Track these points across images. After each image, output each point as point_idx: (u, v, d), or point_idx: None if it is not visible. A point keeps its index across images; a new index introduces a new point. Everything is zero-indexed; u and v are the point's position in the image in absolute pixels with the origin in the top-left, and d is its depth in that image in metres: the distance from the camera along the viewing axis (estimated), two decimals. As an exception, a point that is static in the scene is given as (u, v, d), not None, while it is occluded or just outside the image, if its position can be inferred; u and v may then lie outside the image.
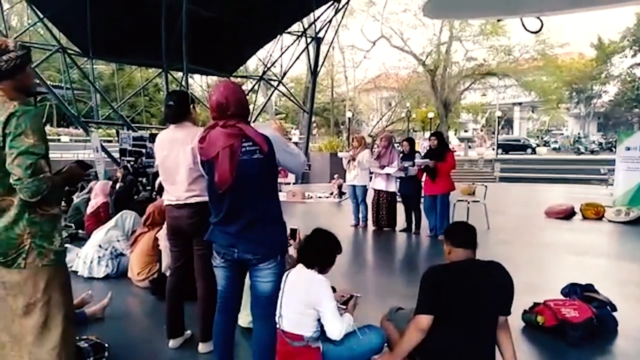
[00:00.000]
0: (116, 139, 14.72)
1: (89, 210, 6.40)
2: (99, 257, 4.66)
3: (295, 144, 2.64)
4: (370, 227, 7.49)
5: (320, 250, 2.58)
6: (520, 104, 44.29)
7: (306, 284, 2.49)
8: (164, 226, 3.61)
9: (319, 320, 2.47)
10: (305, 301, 2.46)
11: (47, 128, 26.96)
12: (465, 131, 48.12)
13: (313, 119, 22.77)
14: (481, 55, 33.37)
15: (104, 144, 14.40)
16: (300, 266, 2.60)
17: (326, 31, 18.47)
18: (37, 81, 13.68)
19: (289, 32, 17.98)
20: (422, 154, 7.17)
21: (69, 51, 14.34)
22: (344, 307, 2.73)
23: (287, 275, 2.62)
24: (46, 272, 1.98)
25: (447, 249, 2.46)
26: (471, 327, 2.31)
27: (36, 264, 1.94)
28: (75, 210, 6.69)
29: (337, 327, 2.43)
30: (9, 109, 1.84)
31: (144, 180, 10.64)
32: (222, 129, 2.13)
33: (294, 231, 3.26)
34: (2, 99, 1.87)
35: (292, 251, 3.33)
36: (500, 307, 2.36)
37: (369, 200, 7.57)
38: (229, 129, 2.12)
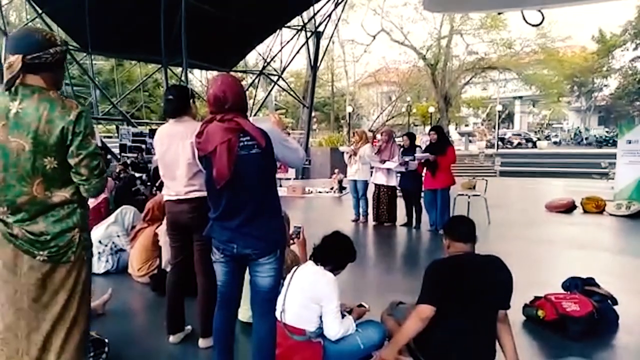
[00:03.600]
0: (116, 134, 14.69)
1: (90, 205, 6.38)
2: (99, 252, 4.65)
3: (288, 133, 2.65)
4: (371, 222, 7.48)
5: (337, 252, 2.62)
6: (521, 97, 44.19)
7: (315, 279, 2.51)
8: (164, 222, 3.60)
9: (321, 316, 2.48)
10: (311, 295, 2.47)
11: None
12: (466, 125, 48.03)
13: (313, 113, 22.76)
14: (482, 49, 33.32)
15: (103, 139, 14.38)
16: (310, 263, 2.62)
17: (326, 25, 18.44)
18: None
19: (289, 27, 17.92)
20: (423, 148, 7.16)
21: (68, 47, 14.28)
22: (349, 311, 2.75)
23: (295, 270, 2.64)
24: (86, 266, 2.00)
25: (447, 243, 2.47)
26: (471, 321, 2.31)
27: (82, 257, 1.96)
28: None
29: (335, 328, 2.45)
30: (72, 108, 1.84)
31: (144, 176, 10.62)
32: (220, 124, 2.11)
33: (298, 230, 3.26)
34: (56, 95, 1.85)
35: (294, 248, 3.34)
36: (499, 301, 2.36)
37: (370, 194, 7.57)
38: (226, 123, 2.10)
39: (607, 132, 36.02)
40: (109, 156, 13.53)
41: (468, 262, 2.39)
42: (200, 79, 24.48)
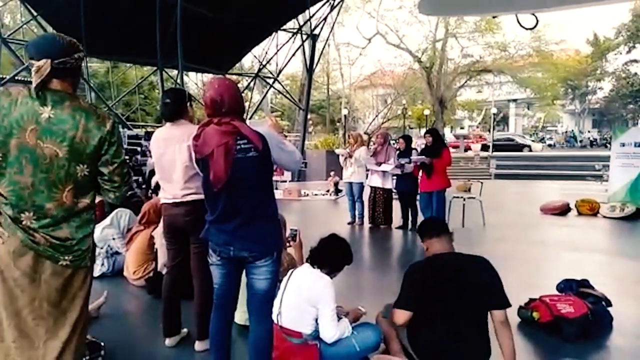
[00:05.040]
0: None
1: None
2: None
3: (285, 136, 2.65)
4: (367, 225, 7.49)
5: (334, 255, 2.63)
6: (515, 100, 44.44)
7: (311, 282, 2.51)
8: (160, 224, 3.60)
9: (317, 319, 2.49)
10: (308, 299, 2.48)
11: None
12: (461, 128, 48.21)
13: (309, 116, 22.78)
14: (477, 52, 33.42)
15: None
16: (307, 265, 2.62)
17: (322, 28, 18.48)
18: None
19: (285, 30, 17.95)
20: (418, 151, 7.19)
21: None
22: (345, 313, 2.75)
23: (291, 273, 2.64)
24: (91, 270, 2.03)
25: (425, 244, 2.53)
26: (459, 321, 2.33)
27: (92, 261, 2.01)
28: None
29: (330, 331, 2.45)
30: (106, 118, 1.90)
31: (139, 179, 10.59)
32: (217, 127, 2.12)
33: (294, 232, 3.27)
34: (86, 104, 1.89)
35: (290, 250, 3.34)
36: (487, 301, 2.37)
37: (365, 197, 7.58)
38: (223, 126, 2.11)
39: (599, 132, 36.29)
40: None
41: (449, 262, 2.42)
42: (195, 82, 24.45)
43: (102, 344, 2.81)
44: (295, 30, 18.11)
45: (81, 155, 1.84)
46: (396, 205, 7.40)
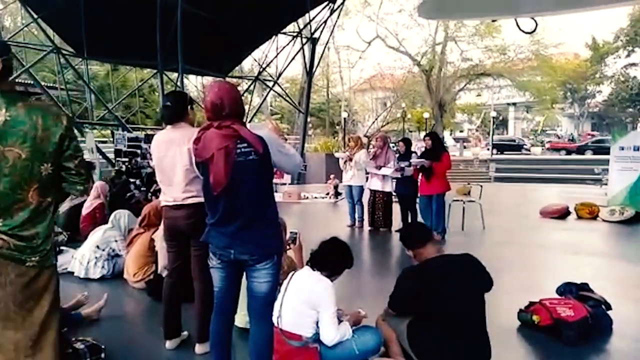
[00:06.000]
0: (111, 139, 14.65)
1: (85, 211, 6.37)
2: (96, 258, 4.65)
3: (286, 139, 2.70)
4: (366, 228, 7.49)
5: (334, 258, 2.64)
6: (514, 104, 44.50)
7: (312, 285, 2.51)
8: (160, 227, 3.60)
9: (317, 322, 2.49)
10: (308, 302, 2.48)
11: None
12: (461, 131, 48.25)
13: (309, 119, 22.77)
14: (476, 55, 33.40)
15: (99, 144, 14.33)
16: (307, 268, 2.63)
17: (321, 32, 18.47)
18: (32, 82, 13.67)
19: (285, 33, 17.96)
20: (418, 154, 7.19)
21: (63, 52, 14.26)
22: (346, 317, 2.76)
23: (291, 276, 2.65)
24: (56, 268, 2.03)
25: (412, 252, 2.56)
26: (458, 323, 2.36)
27: (56, 259, 2.02)
28: (71, 211, 6.64)
29: (330, 334, 2.45)
30: (61, 115, 1.92)
31: (138, 181, 10.59)
32: (217, 130, 2.13)
33: (294, 235, 3.27)
34: (37, 102, 1.93)
35: (290, 253, 3.35)
36: (479, 292, 2.43)
37: (365, 200, 7.58)
38: (223, 130, 2.12)
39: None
40: (102, 160, 13.53)
41: (442, 266, 2.45)
42: (195, 85, 24.47)
43: (103, 346, 2.81)
44: (295, 34, 18.13)
45: (44, 155, 1.84)
46: (396, 209, 7.39)
